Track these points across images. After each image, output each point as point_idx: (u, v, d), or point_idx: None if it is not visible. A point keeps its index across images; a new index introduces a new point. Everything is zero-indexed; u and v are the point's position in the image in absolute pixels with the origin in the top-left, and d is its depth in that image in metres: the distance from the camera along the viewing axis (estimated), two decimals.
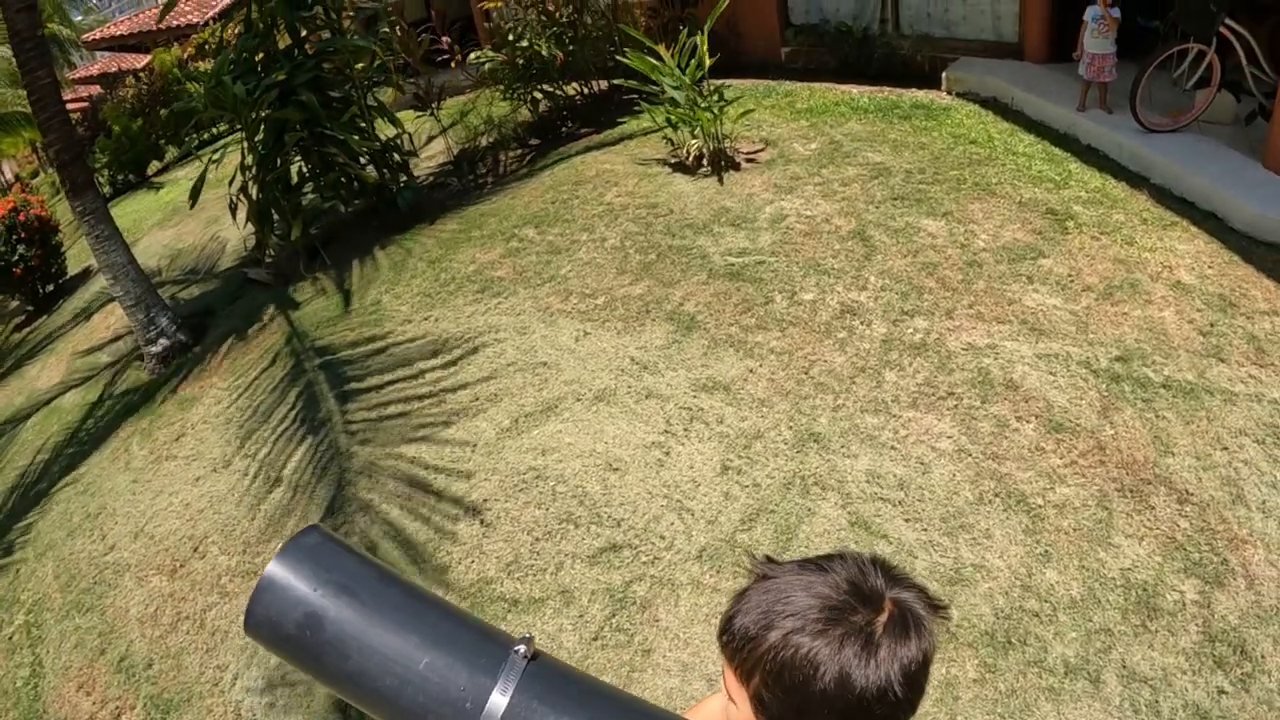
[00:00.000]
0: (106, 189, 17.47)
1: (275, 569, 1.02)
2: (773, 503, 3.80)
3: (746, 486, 3.92)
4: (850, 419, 4.13)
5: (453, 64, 9.44)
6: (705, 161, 6.86)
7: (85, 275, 13.03)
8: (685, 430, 4.39)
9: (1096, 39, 6.07)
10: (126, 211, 15.23)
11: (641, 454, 4.33)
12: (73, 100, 21.42)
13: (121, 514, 6.04)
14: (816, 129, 7.17)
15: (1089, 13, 6.09)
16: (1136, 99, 5.75)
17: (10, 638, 5.71)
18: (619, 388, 4.85)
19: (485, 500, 4.43)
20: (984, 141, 6.41)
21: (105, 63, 24.72)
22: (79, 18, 24.27)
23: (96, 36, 21.36)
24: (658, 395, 4.69)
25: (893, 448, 3.91)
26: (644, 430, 4.48)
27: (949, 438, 3.88)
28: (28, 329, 12.37)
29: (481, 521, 4.31)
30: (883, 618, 0.95)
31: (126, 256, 7.79)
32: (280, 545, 1.07)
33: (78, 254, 14.00)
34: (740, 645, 0.98)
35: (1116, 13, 5.99)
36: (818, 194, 6.07)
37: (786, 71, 8.90)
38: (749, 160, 6.86)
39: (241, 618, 3.66)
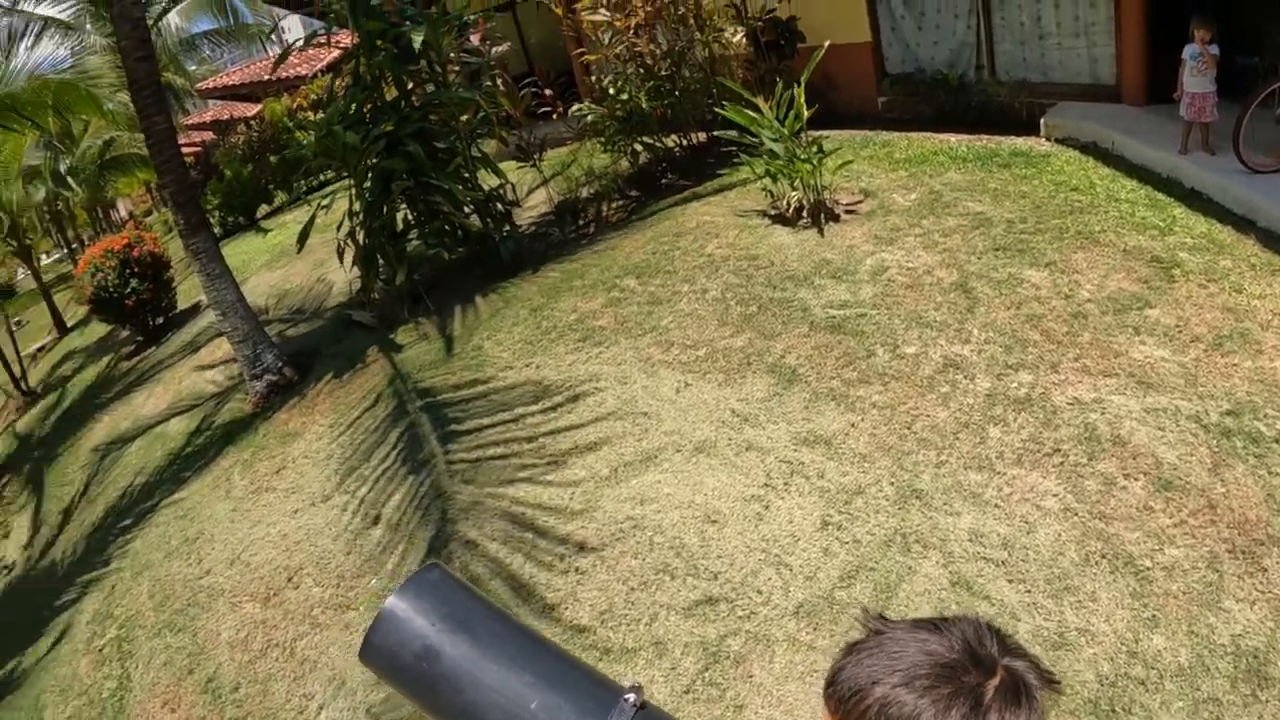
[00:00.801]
0: (217, 229, 18.33)
1: (397, 601, 1.07)
2: (873, 560, 3.78)
3: (846, 543, 3.91)
4: (953, 475, 4.10)
5: (554, 116, 9.72)
6: (805, 213, 6.89)
7: (194, 310, 13.70)
8: (785, 484, 4.40)
9: (1196, 78, 5.93)
10: (235, 252, 15.99)
11: (740, 507, 4.35)
12: (186, 145, 22.52)
13: (219, 540, 6.30)
14: (915, 179, 7.16)
15: (1187, 50, 5.96)
16: (1239, 139, 5.60)
17: (101, 650, 5.98)
18: (719, 439, 4.88)
19: (582, 547, 4.50)
20: (1085, 188, 6.30)
21: (217, 110, 26.03)
22: (193, 68, 25.52)
23: (209, 86, 22.54)
24: (758, 448, 4.71)
25: (996, 506, 3.87)
26: (743, 483, 4.50)
27: (1054, 496, 3.82)
28: (137, 358, 13.05)
29: (577, 569, 4.37)
30: (994, 682, 0.92)
31: (236, 294, 8.18)
32: (403, 580, 1.11)
33: (187, 290, 14.74)
34: (846, 697, 0.96)
35: (1215, 49, 5.83)
36: (919, 245, 6.05)
37: (883, 121, 8.93)
38: (849, 211, 6.88)
39: (332, 649, 3.84)
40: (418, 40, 7.71)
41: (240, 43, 22.79)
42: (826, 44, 7.45)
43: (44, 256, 31.82)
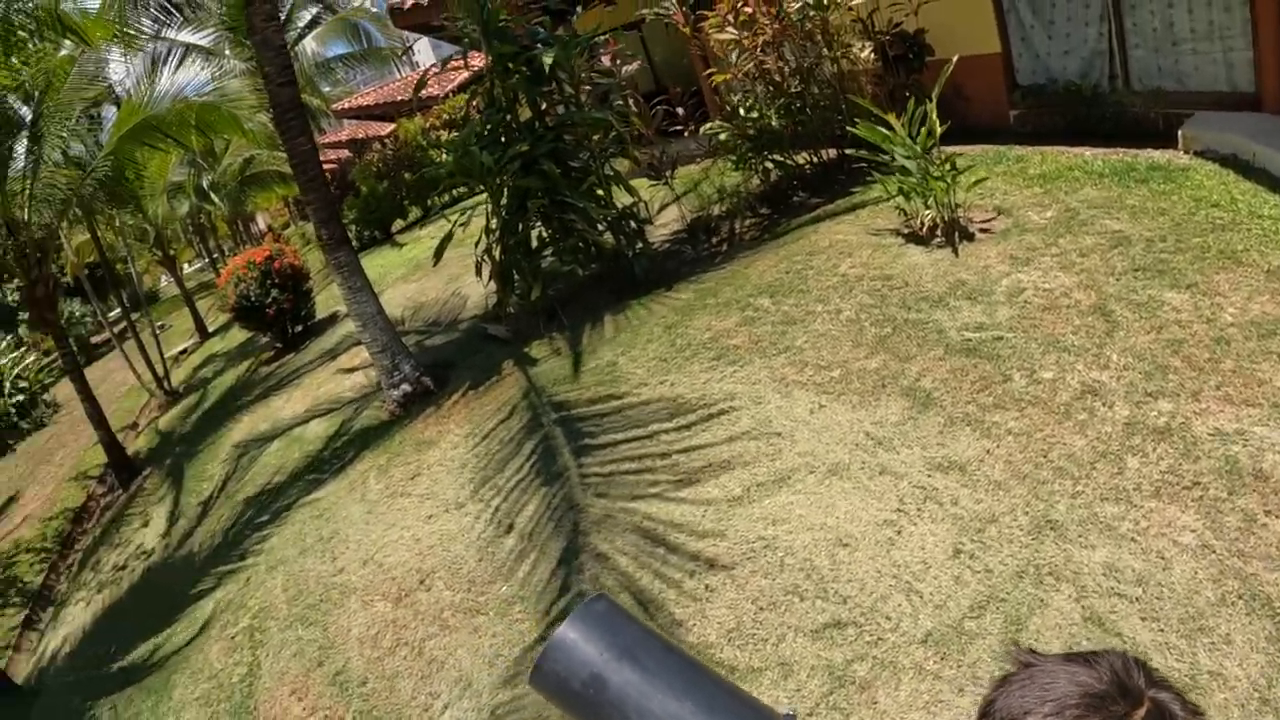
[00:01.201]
0: (354, 244, 19.25)
1: (567, 631, 1.11)
2: (1004, 591, 3.79)
3: (978, 572, 3.93)
4: (1089, 507, 4.08)
5: (684, 134, 9.90)
6: (939, 232, 6.86)
7: (332, 319, 14.48)
8: (918, 510, 4.44)
9: None
10: (372, 265, 16.68)
11: (872, 531, 4.41)
12: (323, 163, 23.73)
13: (353, 541, 6.66)
14: (1050, 195, 7.02)
15: None
16: None
17: (233, 637, 6.40)
18: (853, 462, 4.94)
19: (712, 565, 4.62)
20: (1226, 204, 6.07)
21: (353, 130, 27.27)
22: (328, 89, 26.87)
23: (345, 106, 23.68)
24: (892, 472, 4.75)
25: (1133, 540, 3.83)
26: (876, 507, 4.56)
27: (1192, 531, 3.77)
28: (276, 364, 13.88)
29: (707, 587, 4.50)
30: (1140, 712, 0.94)
31: (375, 307, 8.62)
32: (572, 610, 1.17)
33: (325, 299, 15.55)
34: None
35: None
36: (1055, 265, 5.96)
37: (1015, 135, 8.76)
38: (983, 230, 6.82)
39: (460, 651, 4.14)
40: (548, 62, 7.98)
41: (373, 65, 23.91)
42: (955, 58, 7.37)
43: (187, 265, 34.06)
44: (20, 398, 19.00)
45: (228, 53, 17.08)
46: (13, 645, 9.75)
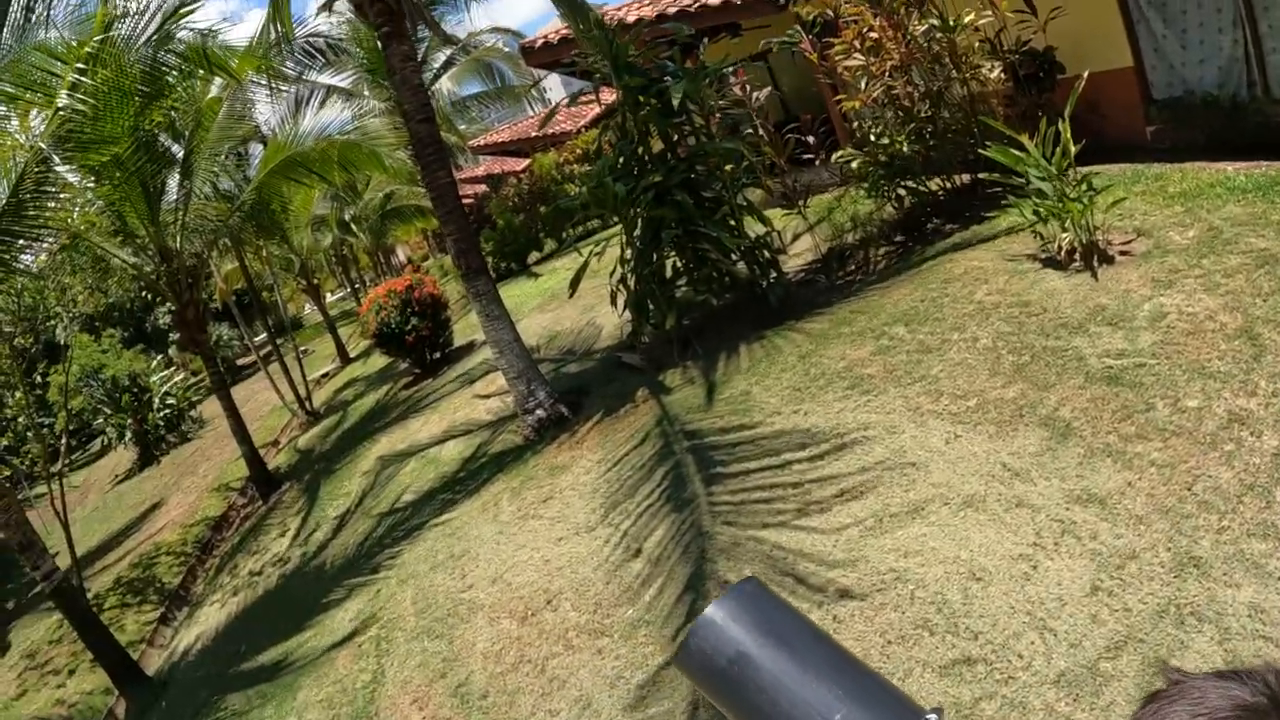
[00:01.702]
0: (491, 274, 19.90)
1: (716, 610, 1.10)
2: (1143, 631, 3.65)
3: (1116, 610, 3.80)
4: (1235, 543, 3.89)
5: (816, 163, 9.90)
6: (1077, 255, 6.66)
7: (469, 347, 14.88)
8: (1055, 544, 4.31)
9: None
10: (508, 295, 17.13)
11: (1007, 565, 4.30)
12: (461, 198, 24.61)
13: (483, 559, 6.82)
14: (1192, 214, 6.74)
15: None
16: None
17: (360, 645, 6.61)
18: (988, 494, 4.84)
19: (843, 595, 4.57)
20: None
21: (489, 165, 28.13)
22: (464, 126, 27.83)
23: (481, 143, 24.46)
24: (1029, 505, 4.63)
25: None
26: (1012, 541, 4.45)
27: None
28: (414, 389, 14.32)
29: (835, 617, 4.46)
30: None
31: (512, 334, 8.84)
32: (722, 592, 1.21)
33: (462, 328, 16.03)
34: None
35: None
36: (1199, 288, 5.72)
37: (1152, 152, 8.44)
38: (1122, 253, 6.59)
39: (582, 671, 4.26)
40: (678, 96, 8.08)
41: (506, 102, 24.69)
42: (1086, 74, 7.19)
43: (330, 294, 35.65)
44: (168, 412, 20.41)
45: (367, 93, 17.99)
46: (147, 640, 10.35)
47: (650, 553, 5.79)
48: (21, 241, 9.01)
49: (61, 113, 8.95)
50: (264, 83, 12.71)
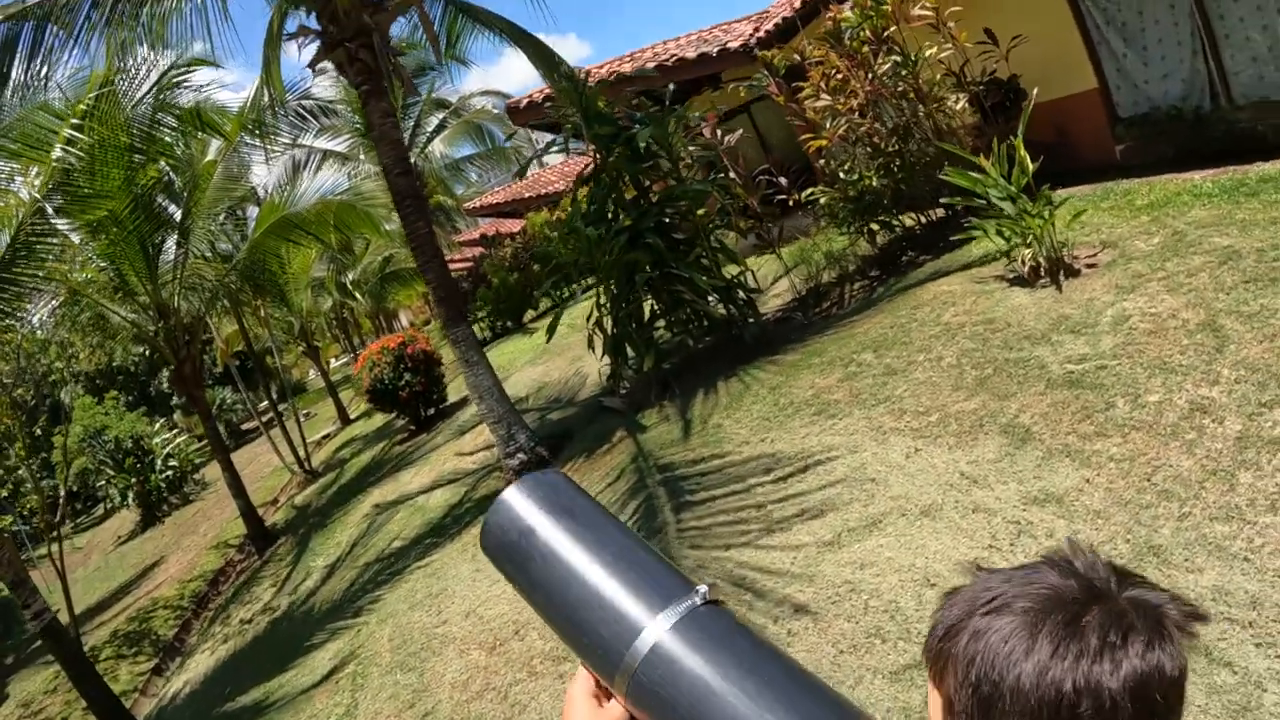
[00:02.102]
0: (486, 333, 20.37)
1: (512, 490, 1.15)
2: None
3: None
4: (1196, 529, 3.72)
5: (790, 203, 9.89)
6: (1042, 271, 6.58)
7: (463, 404, 14.88)
8: (1011, 544, 4.16)
9: None
10: (503, 352, 17.41)
11: (959, 570, 4.15)
12: (459, 260, 25.01)
13: (459, 595, 6.82)
14: (1158, 223, 6.68)
15: None
16: None
17: (338, 681, 6.64)
18: (945, 502, 4.71)
19: (798, 609, 4.45)
20: None
21: (486, 227, 28.56)
22: (461, 190, 28.17)
23: (477, 205, 24.86)
24: (985, 509, 4.50)
25: (1245, 559, 3.46)
26: (967, 545, 4.31)
27: None
28: (408, 444, 14.35)
29: (789, 631, 4.33)
30: (1108, 613, 0.79)
31: (491, 379, 8.85)
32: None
33: (458, 386, 16.08)
34: (939, 638, 0.88)
35: None
36: (1162, 289, 5.62)
37: (1123, 170, 8.45)
38: (1088, 265, 6.51)
39: (543, 695, 4.11)
40: (644, 140, 8.21)
41: (498, 163, 25.05)
42: (1034, 92, 7.21)
43: (333, 360, 35.86)
44: (170, 474, 20.49)
45: (362, 157, 18.24)
46: (139, 689, 10.35)
47: None
48: (16, 289, 9.11)
49: (56, 164, 9.12)
50: (258, 144, 12.95)
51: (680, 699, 0.93)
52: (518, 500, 1.14)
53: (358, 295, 25.78)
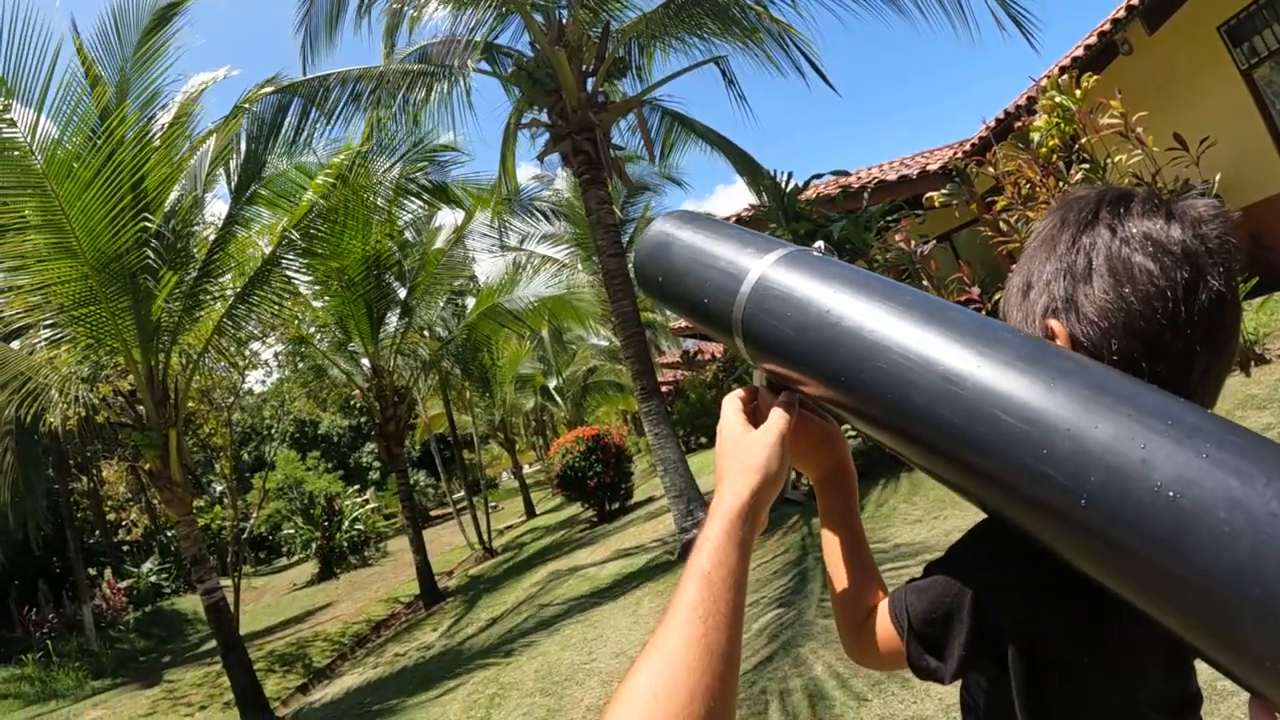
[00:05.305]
0: (680, 447, 20.59)
1: (659, 221, 1.24)
2: None
3: None
4: None
5: (983, 311, 10.03)
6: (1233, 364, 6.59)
7: (648, 503, 15.11)
8: None
9: None
10: (694, 460, 17.58)
11: None
12: (664, 382, 25.63)
13: (612, 640, 7.03)
14: None
15: None
16: None
17: (475, 700, 6.89)
18: None
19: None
20: None
21: (691, 348, 28.99)
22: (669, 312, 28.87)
23: (682, 325, 25.50)
24: None
25: None
26: None
27: None
28: (590, 533, 14.62)
29: (862, 701, 4.33)
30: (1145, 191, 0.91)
31: (678, 454, 9.20)
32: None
33: (646, 489, 16.36)
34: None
35: None
36: None
37: None
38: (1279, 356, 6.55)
39: None
40: (837, 231, 8.61)
41: None
42: (1217, 177, 7.12)
43: (527, 465, 36.68)
44: (355, 535, 21.59)
45: (579, 267, 19.54)
46: (283, 700, 10.77)
47: (751, 629, 5.93)
48: (249, 306, 10.22)
49: (303, 222, 10.30)
50: (486, 233, 14.28)
51: (789, 318, 0.94)
52: (663, 222, 1.24)
53: (559, 400, 26.75)
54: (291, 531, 22.56)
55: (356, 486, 27.55)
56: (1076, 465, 0.68)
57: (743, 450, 0.96)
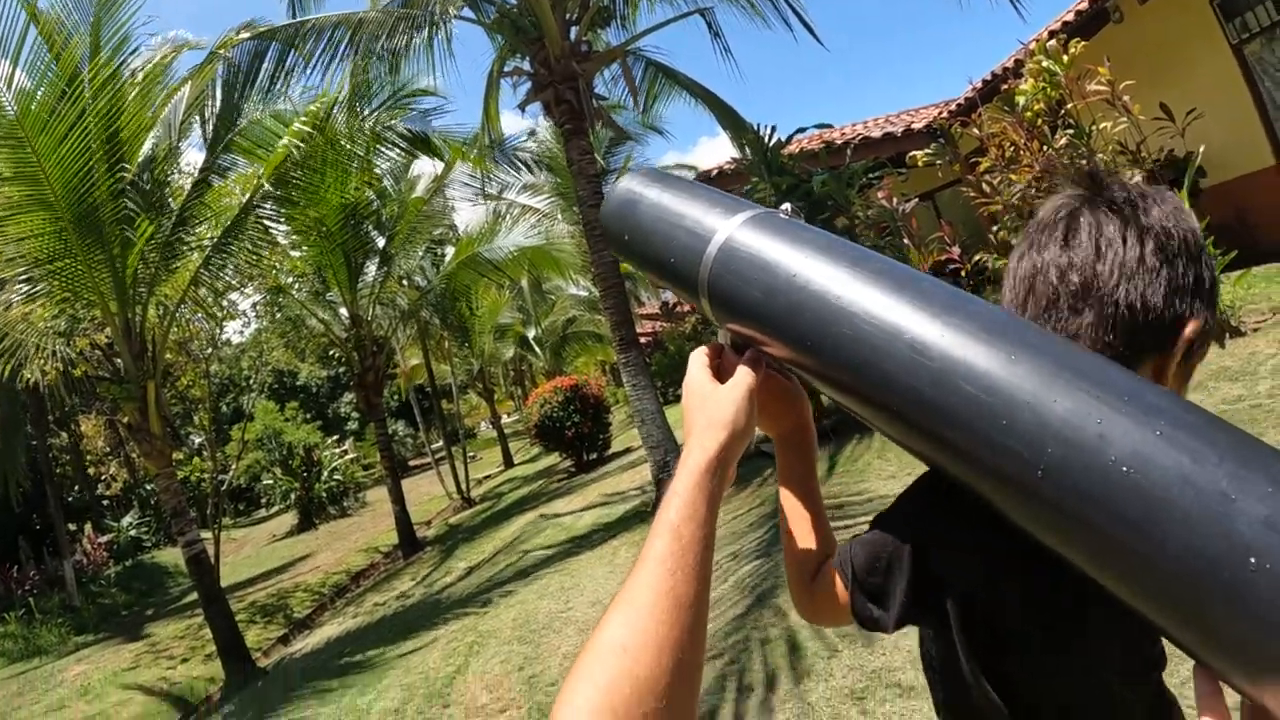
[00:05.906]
0: (659, 398, 20.74)
1: (626, 178, 1.22)
2: None
3: None
4: None
5: (962, 273, 10.06)
6: None
7: (625, 454, 15.21)
8: None
9: None
10: (673, 413, 17.70)
11: None
12: (640, 333, 25.70)
13: (589, 589, 7.11)
14: None
15: None
16: None
17: (454, 648, 6.95)
18: None
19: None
20: None
21: (669, 300, 29.01)
22: None
23: None
24: None
25: None
26: None
27: None
28: (567, 483, 14.75)
29: (847, 639, 4.44)
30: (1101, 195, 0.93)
31: (655, 406, 9.23)
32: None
33: (624, 439, 16.40)
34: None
35: None
36: None
37: None
38: (1254, 329, 6.54)
39: None
40: (818, 185, 8.59)
41: None
42: (1201, 149, 7.31)
43: (505, 416, 36.81)
44: (334, 485, 21.65)
45: (560, 217, 19.42)
46: (264, 650, 10.96)
47: (731, 580, 6.01)
48: (227, 256, 10.16)
49: (280, 170, 10.21)
50: (470, 182, 14.14)
51: (756, 280, 0.94)
52: (629, 180, 1.22)
53: (538, 349, 26.82)
54: (271, 482, 22.63)
55: (335, 437, 27.62)
56: (1035, 437, 0.69)
57: (710, 405, 0.98)
